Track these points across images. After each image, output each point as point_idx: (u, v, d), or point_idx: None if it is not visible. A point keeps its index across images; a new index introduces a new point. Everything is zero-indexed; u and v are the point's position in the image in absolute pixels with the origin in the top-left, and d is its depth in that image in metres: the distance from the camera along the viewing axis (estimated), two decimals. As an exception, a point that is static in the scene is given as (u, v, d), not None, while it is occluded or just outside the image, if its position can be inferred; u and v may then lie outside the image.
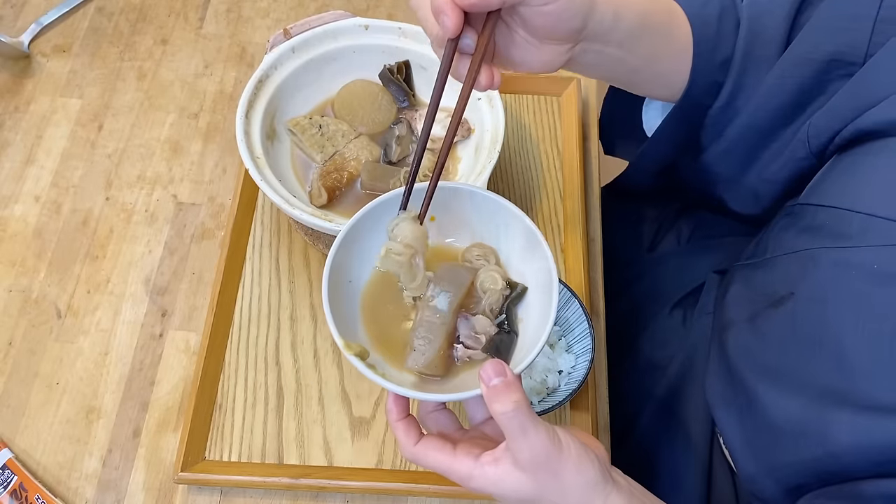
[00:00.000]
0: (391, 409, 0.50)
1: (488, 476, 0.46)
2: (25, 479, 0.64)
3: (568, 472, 0.45)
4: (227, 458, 0.66)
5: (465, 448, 0.48)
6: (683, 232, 0.87)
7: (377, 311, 0.54)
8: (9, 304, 0.73)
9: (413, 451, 0.48)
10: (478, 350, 0.52)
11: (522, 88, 0.85)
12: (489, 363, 0.45)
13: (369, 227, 0.54)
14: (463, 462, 0.47)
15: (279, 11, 0.94)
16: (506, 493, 0.46)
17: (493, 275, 0.54)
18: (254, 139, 0.72)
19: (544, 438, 0.44)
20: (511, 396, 0.44)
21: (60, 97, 0.86)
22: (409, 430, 0.49)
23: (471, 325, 0.53)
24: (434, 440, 0.48)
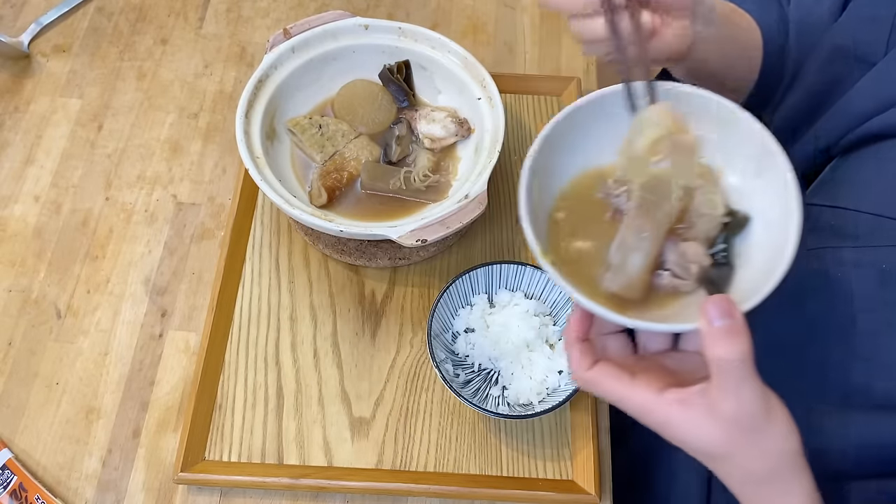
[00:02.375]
0: (571, 329, 0.46)
1: (671, 416, 0.43)
2: (25, 480, 0.64)
3: (770, 437, 0.42)
4: (227, 459, 0.66)
5: (644, 379, 0.44)
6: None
7: (568, 225, 0.49)
8: (9, 304, 0.73)
9: (587, 375, 0.45)
10: (687, 281, 0.46)
11: (522, 88, 0.85)
12: (715, 299, 0.41)
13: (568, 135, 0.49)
14: (642, 393, 0.43)
15: (279, 11, 0.94)
16: (687, 440, 0.43)
17: (712, 198, 0.48)
18: (254, 139, 0.72)
19: (758, 398, 0.41)
20: (738, 343, 0.40)
21: (60, 97, 0.86)
22: (586, 353, 0.45)
23: (681, 251, 0.46)
24: (610, 366, 0.45)
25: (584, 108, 0.49)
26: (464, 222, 0.66)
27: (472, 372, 0.68)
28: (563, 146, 0.49)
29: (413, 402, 0.69)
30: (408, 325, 0.72)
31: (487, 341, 0.67)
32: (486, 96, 0.75)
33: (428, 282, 0.75)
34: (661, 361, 0.47)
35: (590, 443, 0.66)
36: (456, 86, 0.78)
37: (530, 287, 0.70)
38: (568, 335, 0.47)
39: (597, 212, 0.49)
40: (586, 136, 0.50)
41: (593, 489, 0.64)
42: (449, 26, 0.92)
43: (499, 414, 0.63)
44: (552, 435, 0.67)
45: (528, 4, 0.94)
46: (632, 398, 0.44)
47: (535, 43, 0.91)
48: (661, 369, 0.46)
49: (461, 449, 0.67)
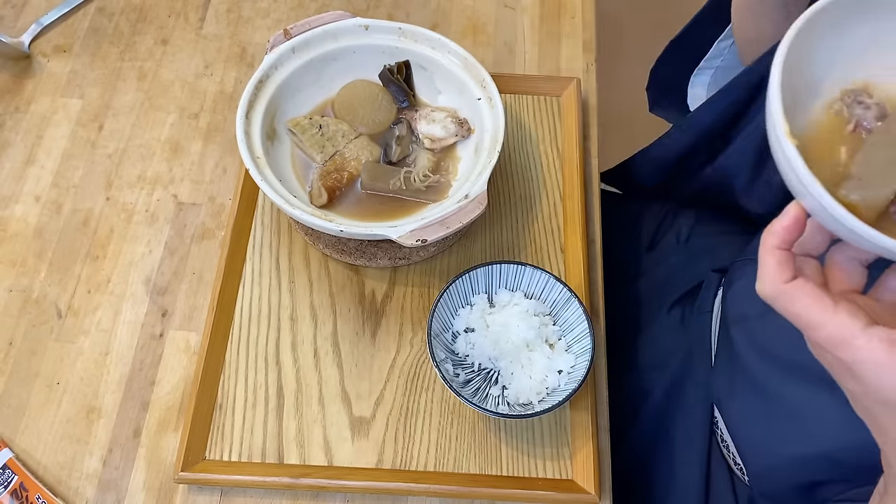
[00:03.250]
0: (777, 232, 0.40)
1: (871, 355, 0.38)
2: (26, 479, 0.64)
3: None
4: (227, 458, 0.66)
5: (847, 307, 0.39)
6: (682, 231, 0.87)
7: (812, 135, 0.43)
8: (9, 304, 0.74)
9: (781, 288, 0.40)
10: None
11: (522, 88, 0.85)
12: None
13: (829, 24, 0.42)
14: (843, 322, 0.38)
15: (279, 12, 0.94)
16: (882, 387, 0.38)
17: None
18: (254, 139, 0.72)
19: None
20: None
21: (61, 97, 0.86)
22: (786, 263, 0.40)
23: None
24: (811, 286, 0.39)
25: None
26: (464, 222, 0.66)
27: (472, 372, 0.68)
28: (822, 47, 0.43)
29: (413, 402, 0.69)
30: (408, 324, 0.72)
31: (487, 341, 0.67)
32: (486, 96, 0.75)
33: (428, 282, 0.75)
34: (854, 299, 0.42)
35: (589, 442, 0.66)
36: (456, 86, 0.78)
37: (530, 287, 0.70)
38: (768, 240, 0.41)
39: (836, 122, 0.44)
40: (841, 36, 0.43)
41: (593, 489, 0.64)
42: (449, 27, 0.93)
43: (499, 414, 0.63)
44: (552, 434, 0.67)
45: (528, 5, 0.94)
46: (829, 325, 0.38)
47: (535, 43, 0.91)
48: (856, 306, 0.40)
49: (461, 449, 0.67)
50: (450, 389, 0.63)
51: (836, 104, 0.44)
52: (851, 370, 0.39)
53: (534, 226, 0.78)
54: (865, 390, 0.40)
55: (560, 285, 0.68)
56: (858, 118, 0.44)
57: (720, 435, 0.69)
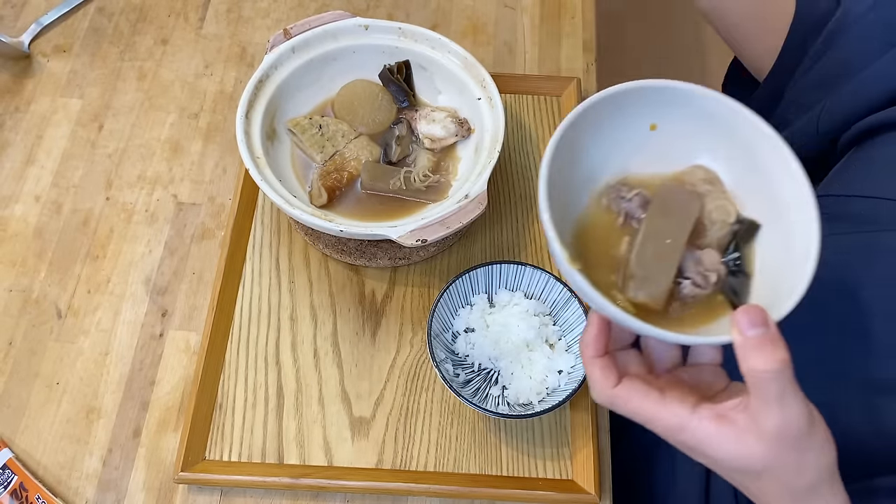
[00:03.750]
0: (589, 344, 0.43)
1: (706, 432, 0.40)
2: (26, 479, 0.64)
3: (812, 450, 0.40)
4: (227, 458, 0.66)
5: (674, 395, 0.41)
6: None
7: (590, 231, 0.47)
8: (9, 304, 0.74)
9: (612, 393, 0.42)
10: (706, 290, 0.45)
11: (522, 88, 0.85)
12: (746, 309, 0.39)
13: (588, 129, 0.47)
14: (674, 411, 0.41)
15: (279, 11, 0.94)
16: (721, 457, 0.41)
17: (724, 205, 0.47)
18: (254, 139, 0.72)
19: (802, 410, 0.39)
20: (776, 353, 0.38)
21: (61, 97, 0.86)
22: (609, 370, 0.43)
23: (697, 259, 0.45)
24: (638, 383, 0.42)
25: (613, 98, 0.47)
26: (464, 222, 0.66)
27: (472, 372, 0.68)
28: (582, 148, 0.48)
29: (413, 402, 0.69)
30: (408, 324, 0.72)
31: (487, 341, 0.67)
32: (486, 96, 0.75)
33: (428, 282, 0.75)
34: (679, 377, 0.45)
35: (590, 442, 0.66)
36: (456, 86, 0.78)
37: (530, 287, 0.70)
38: (585, 351, 0.44)
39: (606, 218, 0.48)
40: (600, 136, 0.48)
41: (593, 489, 0.64)
42: (449, 27, 0.93)
43: (499, 414, 0.63)
44: (552, 435, 0.67)
45: (528, 5, 0.94)
46: (663, 416, 0.41)
47: (535, 43, 0.91)
48: (683, 385, 0.44)
49: (461, 449, 0.67)
50: (450, 389, 0.63)
51: (604, 199, 0.49)
52: (695, 450, 0.42)
53: (534, 226, 0.78)
54: (715, 464, 0.42)
55: (560, 285, 0.68)
56: (625, 210, 0.48)
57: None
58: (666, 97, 0.47)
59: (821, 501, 0.42)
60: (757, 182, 0.47)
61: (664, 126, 0.48)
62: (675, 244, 0.45)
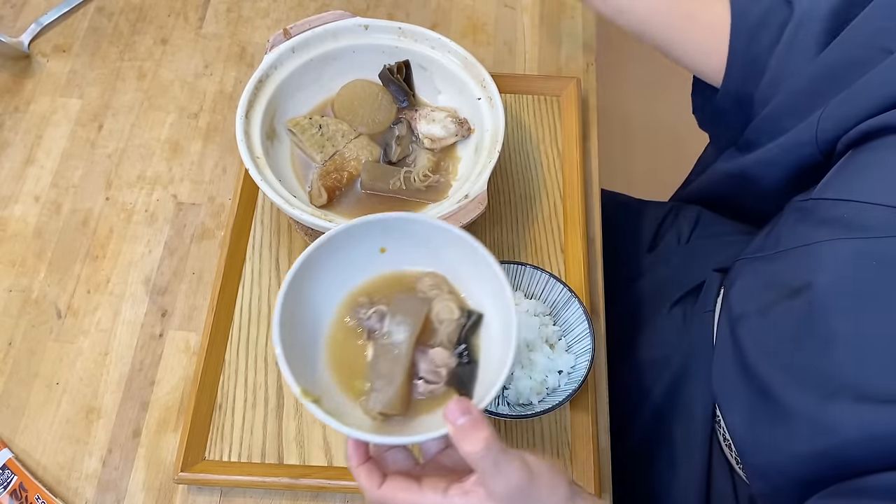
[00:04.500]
0: (352, 455, 0.49)
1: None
2: (25, 479, 0.64)
3: (542, 494, 0.46)
4: (227, 458, 0.66)
5: (430, 483, 0.47)
6: (683, 231, 0.87)
7: (340, 349, 0.53)
8: (9, 304, 0.73)
9: (379, 493, 0.48)
10: (439, 384, 0.51)
11: (522, 88, 0.85)
12: (453, 402, 0.45)
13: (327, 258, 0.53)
14: (430, 497, 0.46)
15: (279, 11, 0.94)
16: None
17: (448, 304, 0.53)
18: (254, 139, 0.72)
19: (518, 469, 0.45)
20: (479, 434, 0.44)
21: (60, 97, 0.86)
22: (372, 474, 0.49)
23: (429, 358, 0.51)
24: (398, 479, 0.48)
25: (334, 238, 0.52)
26: (464, 222, 0.66)
27: (472, 372, 0.68)
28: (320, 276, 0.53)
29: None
30: (408, 324, 0.72)
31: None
32: (486, 96, 0.75)
33: (428, 282, 0.75)
34: (440, 462, 0.51)
35: (590, 443, 0.66)
36: (456, 86, 0.78)
37: (530, 287, 0.70)
38: (350, 462, 0.49)
39: (353, 336, 0.54)
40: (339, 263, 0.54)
41: (593, 489, 0.64)
42: (449, 26, 0.92)
43: (499, 414, 0.63)
44: (552, 435, 0.67)
45: (528, 4, 0.94)
46: (423, 503, 0.47)
47: (535, 43, 0.91)
48: (442, 470, 0.50)
49: (461, 449, 0.67)
50: (450, 389, 0.63)
51: (348, 318, 0.54)
52: None
53: (534, 226, 0.78)
54: None
55: (560, 285, 0.68)
56: (367, 328, 0.53)
57: (722, 433, 0.68)
58: (388, 226, 0.54)
59: None
60: (473, 277, 0.54)
61: (391, 247, 0.55)
62: (400, 352, 0.51)
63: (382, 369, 0.51)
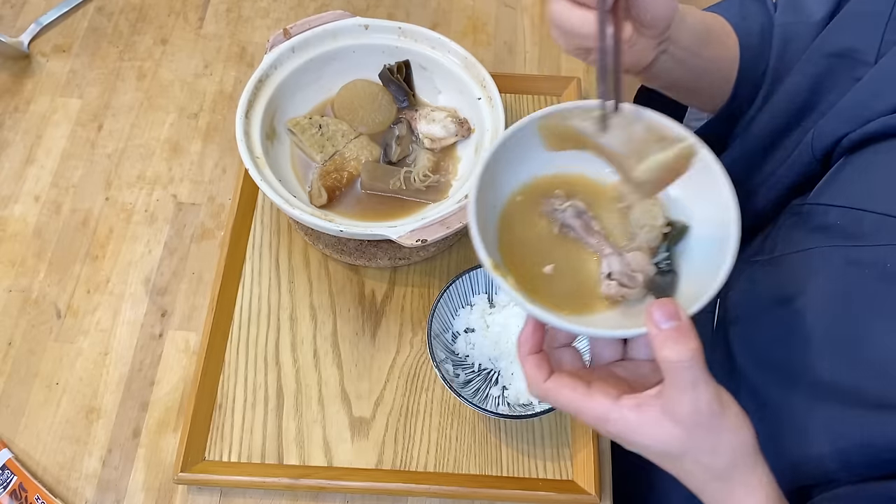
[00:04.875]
0: (524, 342, 0.46)
1: (628, 421, 0.43)
2: (25, 480, 0.64)
3: (725, 432, 0.43)
4: (227, 459, 0.66)
5: (600, 387, 0.44)
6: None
7: (514, 236, 0.50)
8: (9, 304, 0.73)
9: (544, 387, 0.45)
10: (633, 289, 0.48)
11: (522, 88, 0.85)
12: (659, 303, 0.42)
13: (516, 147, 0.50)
14: (599, 402, 0.44)
15: (279, 11, 0.94)
16: (645, 443, 0.44)
17: (651, 209, 0.50)
18: (254, 139, 0.72)
19: (712, 395, 0.42)
20: (688, 343, 0.40)
21: (60, 97, 0.86)
22: (541, 365, 0.46)
23: (626, 261, 0.48)
24: (566, 377, 0.45)
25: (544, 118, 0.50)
26: (464, 222, 0.66)
27: (472, 372, 0.68)
28: (512, 159, 0.51)
29: (413, 402, 0.69)
30: (408, 325, 0.72)
31: (487, 341, 0.67)
32: (486, 96, 0.75)
33: (428, 282, 0.75)
34: (613, 371, 0.48)
35: (590, 443, 0.66)
36: (456, 86, 0.78)
37: (530, 287, 0.70)
38: (521, 349, 0.47)
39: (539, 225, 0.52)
40: (531, 149, 0.52)
41: (593, 489, 0.64)
42: (449, 26, 0.92)
43: (499, 414, 0.63)
44: (552, 435, 0.67)
45: (528, 4, 0.94)
46: (589, 407, 0.44)
47: (535, 43, 0.91)
48: (614, 378, 0.47)
49: (461, 449, 0.67)
50: (450, 390, 0.63)
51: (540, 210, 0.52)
52: (621, 438, 0.45)
53: (534, 226, 0.78)
54: (642, 450, 0.45)
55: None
56: (560, 220, 0.52)
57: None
58: None
59: (742, 479, 0.44)
60: (685, 186, 0.50)
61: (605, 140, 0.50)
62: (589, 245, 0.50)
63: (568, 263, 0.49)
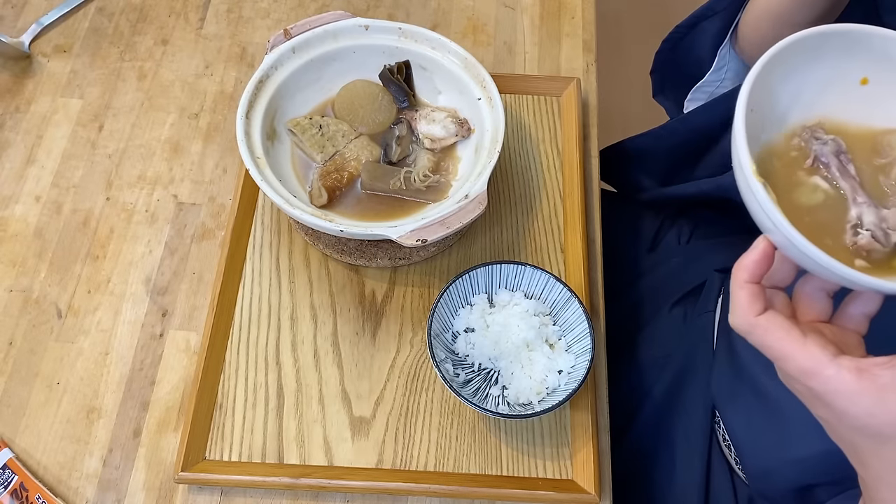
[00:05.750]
0: (746, 267, 0.42)
1: (845, 382, 0.38)
2: (26, 479, 0.64)
3: None
4: (227, 458, 0.66)
5: (816, 339, 0.40)
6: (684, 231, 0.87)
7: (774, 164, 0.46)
8: (9, 304, 0.74)
9: (754, 321, 0.41)
10: (884, 247, 0.43)
11: (522, 88, 0.85)
12: None
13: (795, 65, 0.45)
14: (812, 353, 0.39)
15: (279, 12, 0.94)
16: (854, 415, 0.39)
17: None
18: (254, 139, 0.72)
19: None
20: None
21: (61, 97, 0.86)
22: (758, 296, 0.41)
23: (882, 215, 0.44)
24: (781, 318, 0.41)
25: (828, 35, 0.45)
26: (464, 222, 0.66)
27: (472, 372, 0.68)
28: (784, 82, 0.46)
29: (413, 402, 0.69)
30: (408, 324, 0.72)
31: (487, 341, 0.67)
32: (486, 96, 0.75)
33: (428, 282, 0.75)
34: (820, 329, 0.43)
35: (590, 442, 0.66)
36: (456, 86, 0.78)
37: (530, 287, 0.70)
38: (738, 274, 0.42)
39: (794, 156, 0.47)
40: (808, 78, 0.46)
41: (593, 489, 0.64)
42: (449, 27, 0.93)
43: (499, 414, 0.63)
44: (552, 435, 0.67)
45: (528, 5, 0.94)
46: (799, 357, 0.39)
47: (535, 43, 0.91)
48: (825, 336, 0.42)
49: (461, 449, 0.67)
50: (450, 389, 0.63)
51: (796, 139, 0.47)
52: (822, 399, 0.40)
53: (534, 226, 0.78)
54: (838, 417, 0.40)
55: (560, 285, 0.68)
56: (816, 153, 0.46)
57: (722, 434, 0.69)
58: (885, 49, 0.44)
59: None
60: None
61: (877, 81, 0.46)
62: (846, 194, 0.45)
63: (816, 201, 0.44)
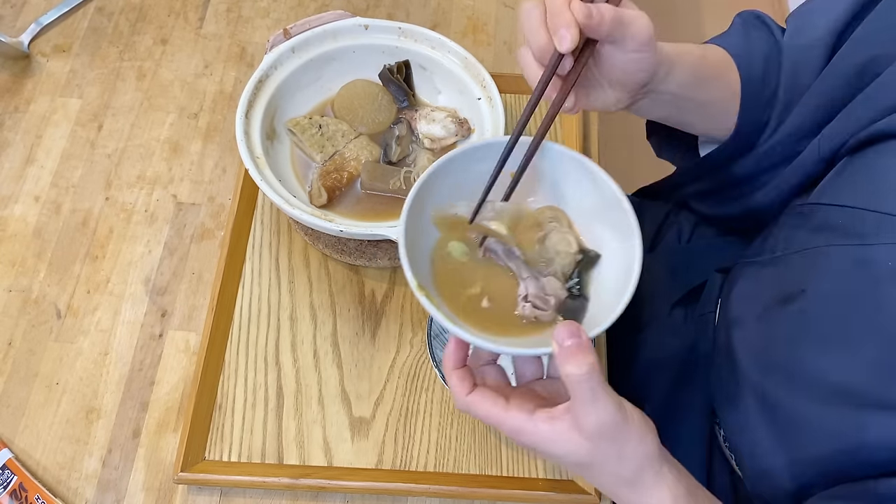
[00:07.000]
0: (449, 356, 0.50)
1: (541, 433, 0.46)
2: (25, 479, 0.64)
3: (630, 441, 0.46)
4: (227, 458, 0.66)
5: (517, 402, 0.48)
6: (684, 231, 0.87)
7: (445, 261, 0.54)
8: (9, 304, 0.73)
9: (466, 400, 0.49)
10: (547, 312, 0.52)
11: (523, 89, 0.85)
12: (563, 324, 0.45)
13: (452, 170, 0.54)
14: (515, 416, 0.47)
15: (279, 11, 0.94)
16: (556, 453, 0.47)
17: (567, 237, 0.54)
18: (254, 139, 0.72)
19: (613, 407, 0.44)
20: (585, 359, 0.43)
21: (60, 97, 0.86)
22: (464, 380, 0.49)
23: (541, 285, 0.52)
24: (487, 392, 0.49)
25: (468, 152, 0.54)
26: (464, 222, 0.65)
27: (472, 372, 0.68)
28: (444, 185, 0.54)
29: (413, 402, 0.69)
30: (408, 325, 0.72)
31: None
32: (486, 96, 0.75)
33: (428, 282, 0.75)
34: (532, 388, 0.52)
35: (590, 443, 0.66)
36: (456, 86, 0.78)
37: (530, 287, 0.70)
38: (446, 363, 0.50)
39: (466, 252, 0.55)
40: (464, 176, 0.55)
41: (593, 489, 0.64)
42: (449, 26, 0.92)
43: (498, 414, 0.63)
44: (552, 435, 0.67)
45: (528, 4, 0.94)
46: (507, 420, 0.47)
47: (535, 43, 0.91)
48: (532, 394, 0.50)
49: (461, 449, 0.67)
50: (450, 390, 0.63)
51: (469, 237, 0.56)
52: (538, 449, 0.47)
53: (534, 226, 0.78)
54: (556, 460, 0.48)
55: (560, 285, 0.68)
56: (485, 245, 0.55)
57: (722, 434, 0.69)
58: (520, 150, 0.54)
59: (648, 483, 0.47)
60: (595, 215, 0.55)
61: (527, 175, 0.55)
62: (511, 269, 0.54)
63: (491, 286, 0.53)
